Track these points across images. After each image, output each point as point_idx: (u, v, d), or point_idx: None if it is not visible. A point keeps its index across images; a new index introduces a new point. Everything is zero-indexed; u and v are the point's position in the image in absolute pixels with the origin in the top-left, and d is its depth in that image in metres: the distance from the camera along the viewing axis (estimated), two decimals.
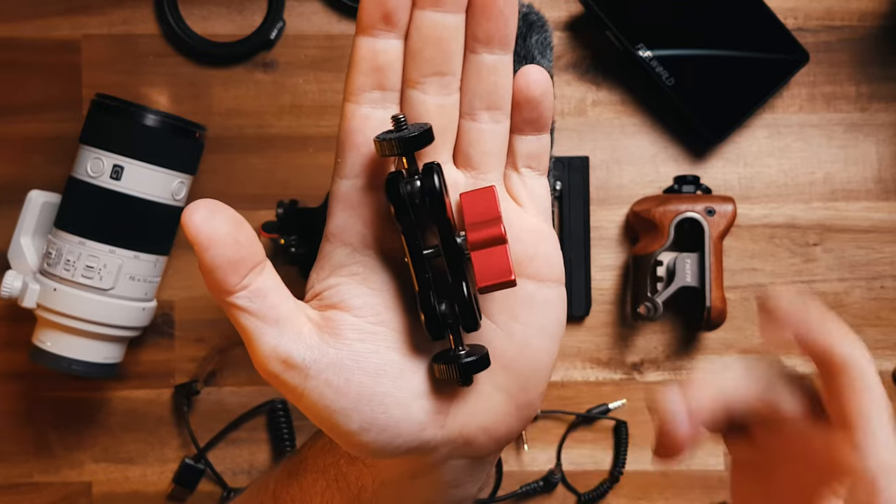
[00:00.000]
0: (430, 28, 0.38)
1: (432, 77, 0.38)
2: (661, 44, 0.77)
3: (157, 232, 0.73)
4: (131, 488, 0.79)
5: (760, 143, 0.81)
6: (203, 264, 0.34)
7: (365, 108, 0.38)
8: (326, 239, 0.40)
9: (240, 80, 0.80)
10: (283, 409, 0.79)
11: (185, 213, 0.34)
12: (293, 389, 0.36)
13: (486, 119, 0.39)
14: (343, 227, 0.39)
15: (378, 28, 0.37)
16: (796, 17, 0.81)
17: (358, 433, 0.37)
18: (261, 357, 0.36)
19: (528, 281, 0.40)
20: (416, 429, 0.38)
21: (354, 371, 0.37)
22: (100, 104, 0.72)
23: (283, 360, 0.36)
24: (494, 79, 0.39)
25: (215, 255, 0.34)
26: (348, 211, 0.39)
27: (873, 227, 0.80)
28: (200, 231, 0.34)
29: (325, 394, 0.36)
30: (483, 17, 0.38)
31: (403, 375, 0.38)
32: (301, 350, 0.36)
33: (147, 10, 0.79)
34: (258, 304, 0.36)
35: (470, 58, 0.39)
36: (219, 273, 0.35)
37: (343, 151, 0.39)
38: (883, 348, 0.80)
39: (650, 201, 0.77)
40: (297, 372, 0.36)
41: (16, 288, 0.72)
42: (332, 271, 0.39)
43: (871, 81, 0.81)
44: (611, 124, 0.80)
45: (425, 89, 0.38)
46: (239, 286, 0.35)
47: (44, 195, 0.74)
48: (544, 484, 0.79)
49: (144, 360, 0.79)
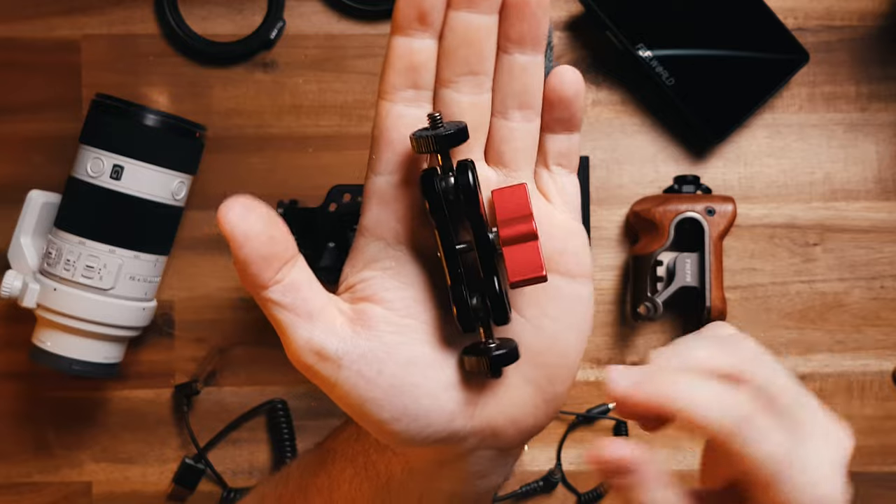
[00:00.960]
0: (465, 28, 0.38)
1: (466, 76, 0.39)
2: (661, 44, 0.77)
3: (157, 232, 0.73)
4: (131, 488, 0.79)
5: (760, 143, 0.81)
6: (238, 260, 0.35)
7: (399, 107, 0.39)
8: (360, 233, 0.40)
9: (240, 80, 0.80)
10: (283, 409, 0.79)
11: (220, 210, 0.35)
12: (326, 380, 0.37)
13: (517, 118, 0.40)
14: (377, 221, 0.40)
15: (413, 28, 0.38)
16: (796, 17, 0.81)
17: (389, 422, 0.38)
18: (295, 349, 0.37)
19: (557, 276, 0.41)
20: (445, 419, 0.39)
21: (386, 362, 0.38)
22: (100, 104, 0.72)
23: (317, 351, 0.37)
24: (526, 79, 0.40)
25: (250, 251, 0.35)
26: (382, 206, 0.40)
27: (873, 227, 0.80)
28: (236, 228, 0.35)
29: (358, 384, 0.37)
30: (517, 19, 0.38)
31: (433, 367, 0.39)
32: (334, 342, 0.37)
33: (147, 10, 0.79)
34: (291, 297, 0.36)
35: (502, 58, 0.39)
36: (253, 268, 0.36)
37: (378, 148, 0.40)
38: (883, 348, 0.80)
39: (650, 201, 0.77)
40: (330, 363, 0.37)
41: (16, 288, 0.72)
42: (365, 265, 0.40)
43: (871, 81, 0.81)
44: (611, 124, 0.80)
45: (459, 88, 0.39)
46: (273, 280, 0.36)
47: (44, 195, 0.74)
48: (544, 484, 0.79)
49: (144, 360, 0.79)
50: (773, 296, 0.80)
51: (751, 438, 0.35)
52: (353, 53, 0.80)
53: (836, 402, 0.80)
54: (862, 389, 0.80)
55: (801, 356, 0.80)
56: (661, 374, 0.36)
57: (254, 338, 0.79)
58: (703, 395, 0.35)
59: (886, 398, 0.80)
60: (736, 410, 0.35)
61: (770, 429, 0.35)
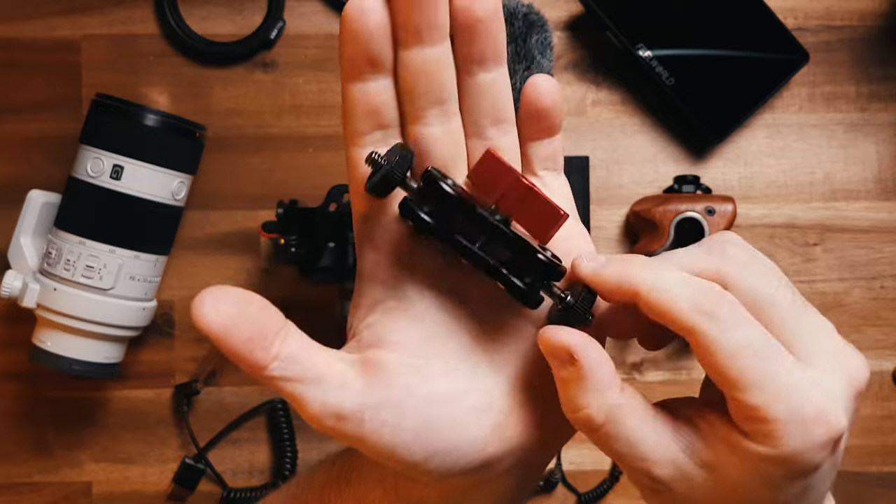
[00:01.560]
0: (420, 64, 0.37)
1: (431, 109, 0.38)
2: (661, 44, 0.77)
3: (157, 232, 0.73)
4: (131, 488, 0.79)
5: (760, 143, 0.81)
6: (226, 352, 0.34)
7: (369, 150, 0.38)
8: (359, 278, 0.40)
9: (240, 80, 0.80)
10: (283, 409, 0.79)
11: (193, 309, 0.34)
12: (353, 438, 0.36)
13: (494, 134, 0.39)
14: (372, 266, 0.39)
15: (365, 72, 0.37)
16: (796, 17, 0.81)
17: (423, 463, 0.37)
18: (313, 416, 0.36)
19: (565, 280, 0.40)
20: (479, 447, 0.38)
21: (407, 404, 0.37)
22: (100, 104, 0.72)
23: (335, 413, 0.36)
24: (495, 93, 0.39)
25: (233, 341, 0.34)
26: (374, 250, 0.39)
27: (873, 227, 0.80)
28: (211, 323, 0.34)
29: (384, 433, 0.36)
30: (473, 40, 0.37)
31: (458, 398, 0.38)
32: (349, 398, 0.36)
33: (147, 10, 0.79)
34: (293, 369, 0.35)
35: (466, 79, 0.38)
36: (243, 355, 0.34)
37: (355, 196, 0.39)
38: (883, 348, 0.80)
39: (650, 201, 0.77)
40: (350, 421, 0.36)
41: (16, 288, 0.72)
42: (368, 310, 0.39)
43: (871, 81, 0.81)
44: (611, 124, 0.80)
45: (427, 122, 0.38)
46: (269, 359, 0.35)
47: (44, 195, 0.74)
48: (544, 484, 0.79)
49: (144, 360, 0.79)
50: None
51: (717, 327, 0.33)
52: None
53: None
54: None
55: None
56: (630, 260, 0.36)
57: None
58: (668, 279, 0.35)
59: (886, 398, 0.80)
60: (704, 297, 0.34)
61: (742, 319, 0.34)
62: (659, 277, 0.35)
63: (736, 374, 0.33)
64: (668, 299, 0.34)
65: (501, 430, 0.39)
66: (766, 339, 0.34)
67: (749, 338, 0.34)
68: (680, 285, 0.34)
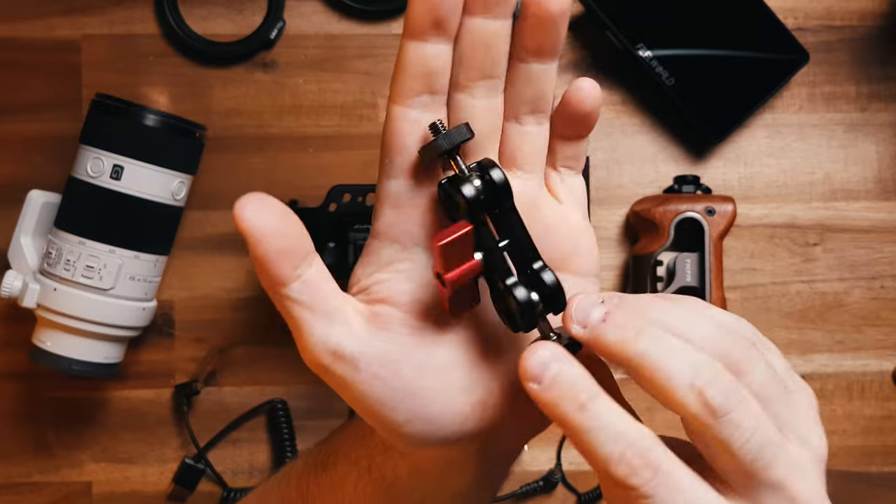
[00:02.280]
0: (480, 34, 0.38)
1: (481, 80, 0.39)
2: (661, 44, 0.77)
3: (157, 232, 0.73)
4: (131, 488, 0.79)
5: (760, 143, 0.81)
6: (256, 256, 0.35)
7: (414, 112, 0.38)
8: (374, 236, 0.40)
9: (240, 80, 0.80)
10: (283, 409, 0.79)
11: (236, 207, 0.34)
12: (341, 381, 0.37)
13: (531, 122, 0.40)
14: (392, 225, 0.39)
15: (429, 34, 0.37)
16: (796, 17, 0.81)
17: (402, 425, 0.38)
18: (311, 348, 0.37)
19: (568, 276, 0.41)
20: (459, 421, 0.39)
21: (402, 364, 0.38)
22: (100, 104, 0.72)
23: (333, 351, 0.37)
24: (542, 85, 0.40)
25: (268, 248, 0.35)
26: (397, 210, 0.39)
27: (873, 227, 0.80)
28: (252, 224, 0.34)
29: (374, 386, 0.37)
30: (537, 30, 0.38)
31: (449, 370, 0.39)
32: (351, 342, 0.37)
33: (147, 10, 0.79)
34: (309, 295, 0.36)
35: (517, 65, 0.39)
36: (272, 265, 0.35)
37: (391, 153, 0.39)
38: (883, 348, 0.80)
39: (650, 201, 0.77)
40: (346, 364, 0.37)
41: (16, 288, 0.72)
42: (379, 267, 0.40)
43: (871, 81, 0.81)
44: (611, 124, 0.80)
45: (474, 92, 0.39)
46: (291, 277, 0.36)
47: (44, 195, 0.74)
48: (544, 484, 0.79)
49: (144, 360, 0.79)
50: (773, 296, 0.80)
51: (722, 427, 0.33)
52: (353, 53, 0.80)
53: (836, 402, 0.80)
54: (862, 389, 0.80)
55: (801, 356, 0.80)
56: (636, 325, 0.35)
57: (254, 338, 0.79)
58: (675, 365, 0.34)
59: (886, 398, 0.80)
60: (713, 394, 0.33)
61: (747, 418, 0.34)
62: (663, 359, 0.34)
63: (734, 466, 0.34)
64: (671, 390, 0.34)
65: (482, 409, 0.40)
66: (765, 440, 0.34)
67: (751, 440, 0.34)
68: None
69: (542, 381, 0.34)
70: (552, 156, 0.42)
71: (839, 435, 0.80)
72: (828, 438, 0.40)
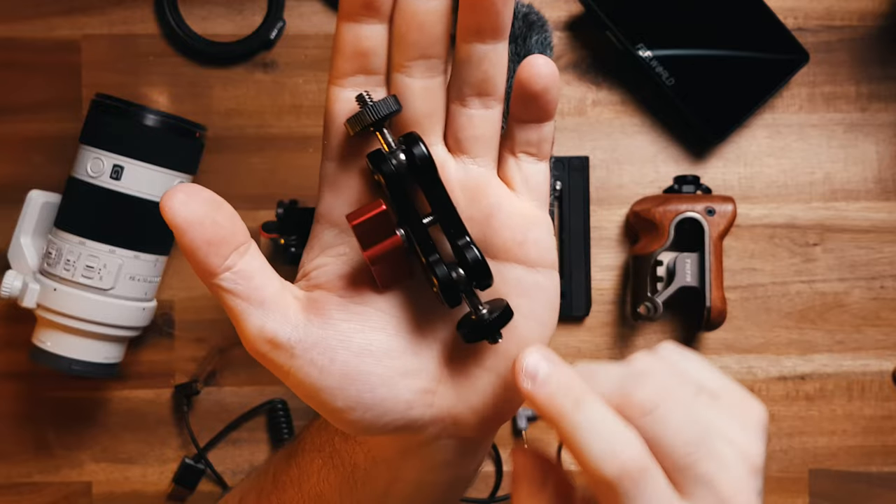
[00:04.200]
0: (414, 14, 0.37)
1: (418, 60, 0.38)
2: (661, 44, 0.77)
3: (157, 232, 0.73)
4: (131, 488, 0.79)
5: (760, 143, 0.81)
6: (183, 247, 0.35)
7: (348, 92, 0.38)
8: (316, 220, 0.40)
9: (240, 80, 0.80)
10: (283, 409, 0.79)
11: (162, 198, 0.35)
12: (280, 367, 0.37)
13: (476, 104, 0.39)
14: (330, 208, 0.39)
15: (360, 14, 0.37)
16: (796, 17, 0.81)
17: (344, 411, 0.38)
18: (248, 337, 0.37)
19: (517, 266, 0.40)
20: (402, 407, 0.39)
21: (339, 350, 0.37)
22: (100, 104, 0.72)
23: (269, 339, 0.37)
24: (486, 67, 0.38)
25: (194, 237, 0.35)
26: (334, 192, 0.39)
27: (873, 227, 0.80)
28: (177, 214, 0.34)
29: (311, 372, 0.37)
30: (475, 11, 0.37)
31: (389, 355, 0.38)
32: (286, 330, 0.37)
33: (147, 10, 0.79)
34: (243, 285, 0.36)
35: (461, 46, 0.38)
36: (199, 255, 0.35)
37: (327, 134, 0.39)
38: (883, 348, 0.80)
39: (650, 201, 0.77)
40: (282, 351, 0.37)
41: (16, 288, 0.72)
42: (320, 251, 0.40)
43: (871, 81, 0.81)
44: (611, 124, 0.80)
45: (411, 73, 0.38)
46: (222, 268, 0.36)
47: (44, 195, 0.74)
48: None
49: (144, 360, 0.79)
50: (773, 296, 0.80)
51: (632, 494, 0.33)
52: None
53: (836, 402, 0.80)
54: (862, 389, 0.80)
55: (801, 356, 0.80)
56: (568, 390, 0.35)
57: None
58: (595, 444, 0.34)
59: (886, 398, 0.80)
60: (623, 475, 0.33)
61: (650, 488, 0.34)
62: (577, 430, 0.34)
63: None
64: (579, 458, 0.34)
65: (429, 396, 0.39)
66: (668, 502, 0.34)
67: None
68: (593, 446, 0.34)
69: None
70: (510, 141, 0.40)
71: (839, 435, 0.80)
72: (828, 438, 0.40)
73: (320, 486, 0.46)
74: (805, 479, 0.79)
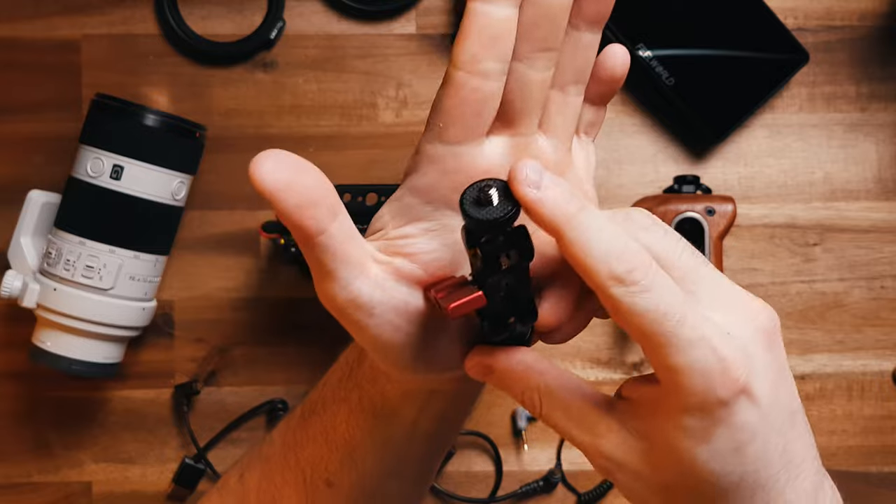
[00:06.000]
0: (549, 6, 0.38)
1: (542, 52, 0.39)
2: (661, 44, 0.77)
3: (157, 232, 0.73)
4: (131, 488, 0.79)
5: (760, 143, 0.81)
6: (278, 212, 0.36)
7: (476, 80, 0.38)
8: (412, 191, 0.41)
9: (240, 80, 0.80)
10: (284, 409, 0.79)
11: (251, 165, 0.36)
12: (356, 324, 0.39)
13: (573, 92, 0.42)
14: (432, 186, 0.40)
15: None
16: (796, 17, 0.81)
17: (407, 364, 0.41)
18: (331, 292, 0.38)
19: None
20: (456, 364, 0.42)
21: (414, 314, 0.40)
22: (100, 104, 0.72)
23: (353, 298, 0.38)
24: (588, 55, 0.41)
25: (286, 203, 0.36)
26: (441, 174, 0.40)
27: (873, 227, 0.80)
28: (266, 181, 0.36)
29: (386, 331, 0.39)
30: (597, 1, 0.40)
31: (451, 324, 0.41)
32: (370, 290, 0.39)
33: (147, 10, 0.79)
34: (335, 247, 0.37)
35: (571, 33, 0.40)
36: (294, 218, 0.36)
37: (446, 118, 0.39)
38: (883, 348, 0.80)
39: (650, 201, 0.77)
40: (362, 310, 0.39)
41: (16, 288, 0.72)
42: (409, 221, 0.41)
43: (871, 81, 0.81)
44: (611, 124, 0.80)
45: (533, 64, 0.39)
46: (316, 230, 0.37)
47: (44, 195, 0.74)
48: (544, 484, 0.79)
49: (144, 360, 0.79)
50: (773, 296, 0.80)
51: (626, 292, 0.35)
52: (353, 53, 0.80)
53: (836, 402, 0.80)
54: (862, 389, 0.80)
55: (801, 356, 0.80)
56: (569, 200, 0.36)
57: (254, 338, 0.79)
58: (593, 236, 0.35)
59: (886, 398, 0.80)
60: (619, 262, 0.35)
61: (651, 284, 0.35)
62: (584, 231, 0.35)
63: (644, 334, 0.35)
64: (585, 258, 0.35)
65: None
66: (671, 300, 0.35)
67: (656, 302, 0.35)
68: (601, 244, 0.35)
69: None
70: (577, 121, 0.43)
71: (839, 435, 0.80)
72: (828, 438, 0.40)
73: (350, 432, 0.48)
74: None
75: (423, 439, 0.48)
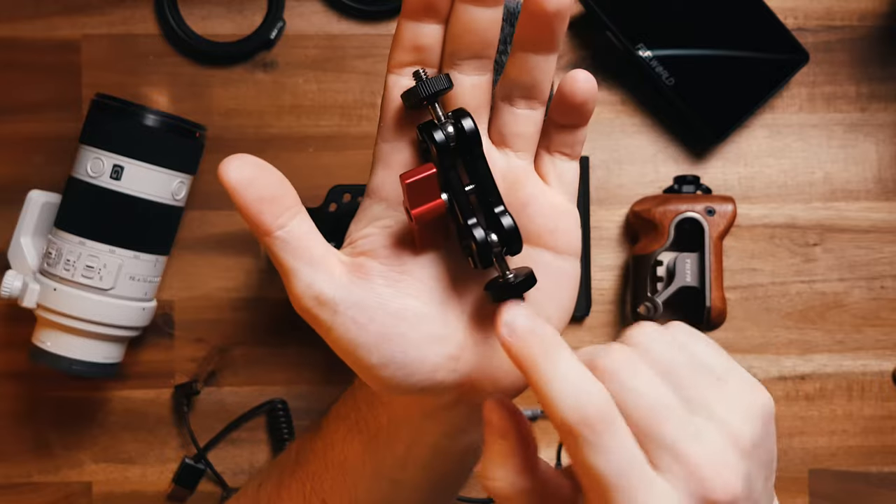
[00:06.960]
0: (470, 20, 0.41)
1: (470, 59, 0.42)
2: (661, 44, 0.77)
3: (157, 232, 0.73)
4: (131, 488, 0.79)
5: (760, 143, 0.81)
6: (238, 207, 0.39)
7: (405, 80, 0.42)
8: (367, 195, 0.44)
9: (240, 80, 0.80)
10: (283, 409, 0.79)
11: (220, 166, 0.39)
12: (322, 323, 0.41)
13: (522, 105, 0.43)
14: (381, 184, 0.43)
15: (420, 15, 0.41)
16: (796, 17, 0.81)
17: (377, 367, 0.41)
18: (297, 293, 0.40)
19: (545, 251, 0.43)
20: (429, 369, 0.42)
21: (377, 311, 0.41)
22: (100, 104, 0.72)
23: (316, 296, 0.40)
24: (536, 75, 0.42)
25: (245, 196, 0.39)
26: (386, 170, 0.43)
27: (873, 227, 0.80)
28: (230, 176, 0.39)
29: (350, 329, 0.41)
30: (534, 25, 0.41)
31: (422, 321, 0.42)
32: (331, 288, 0.40)
33: (147, 10, 0.79)
34: (294, 244, 0.40)
35: (516, 53, 0.42)
36: (252, 211, 0.39)
37: (383, 116, 0.43)
38: (883, 348, 0.80)
39: (650, 201, 0.77)
40: (326, 308, 0.40)
41: (16, 288, 0.72)
42: (367, 223, 0.43)
43: (871, 81, 0.81)
44: (611, 124, 0.80)
45: (462, 69, 0.42)
46: (274, 225, 0.40)
47: (44, 195, 0.74)
48: None
49: (144, 360, 0.79)
50: (773, 296, 0.80)
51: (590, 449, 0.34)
52: (353, 53, 0.80)
53: (835, 402, 0.80)
54: (862, 389, 0.80)
55: (801, 356, 0.80)
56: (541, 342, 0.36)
57: (254, 338, 0.79)
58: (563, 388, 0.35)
59: (886, 398, 0.80)
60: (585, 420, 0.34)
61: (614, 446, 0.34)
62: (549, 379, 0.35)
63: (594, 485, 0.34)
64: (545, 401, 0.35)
65: (453, 361, 0.42)
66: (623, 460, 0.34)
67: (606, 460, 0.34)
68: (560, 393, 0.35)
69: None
70: (547, 140, 0.44)
71: (839, 435, 0.80)
72: (828, 438, 0.40)
73: (344, 452, 0.49)
74: (805, 479, 0.79)
75: (418, 468, 0.48)
